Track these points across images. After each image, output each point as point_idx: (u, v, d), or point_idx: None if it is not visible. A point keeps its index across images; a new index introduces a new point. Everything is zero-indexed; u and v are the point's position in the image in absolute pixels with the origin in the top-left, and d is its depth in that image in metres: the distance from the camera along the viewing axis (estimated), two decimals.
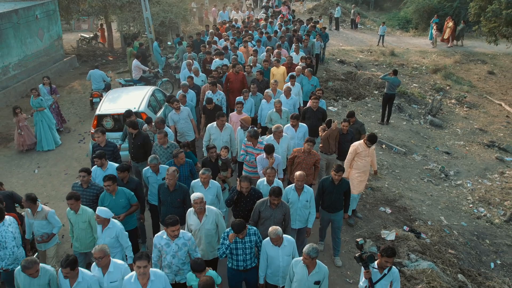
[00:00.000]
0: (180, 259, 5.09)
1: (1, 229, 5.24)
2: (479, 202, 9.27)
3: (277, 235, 4.78)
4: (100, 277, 4.67)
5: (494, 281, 7.15)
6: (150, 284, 4.42)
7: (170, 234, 4.91)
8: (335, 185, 6.08)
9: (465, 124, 13.72)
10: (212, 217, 5.44)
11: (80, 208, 5.53)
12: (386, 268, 4.43)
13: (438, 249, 7.14)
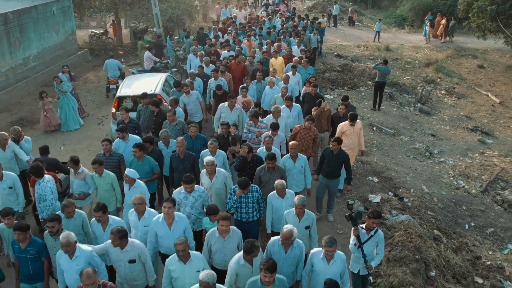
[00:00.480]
0: (197, 209, 6.15)
1: (41, 185, 6.30)
2: (459, 176, 10.38)
3: (283, 186, 5.85)
4: (136, 221, 5.72)
5: (467, 238, 8.26)
6: (174, 224, 5.48)
7: (186, 189, 5.97)
8: (333, 155, 7.13)
9: (452, 111, 14.83)
10: (221, 177, 6.53)
11: (103, 172, 6.60)
12: (373, 230, 5.14)
13: (418, 210, 8.25)
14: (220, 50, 13.06)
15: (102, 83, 14.69)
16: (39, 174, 6.28)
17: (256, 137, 7.99)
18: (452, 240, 7.83)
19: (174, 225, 5.45)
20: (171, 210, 5.39)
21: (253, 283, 4.48)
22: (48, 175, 6.50)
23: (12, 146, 7.42)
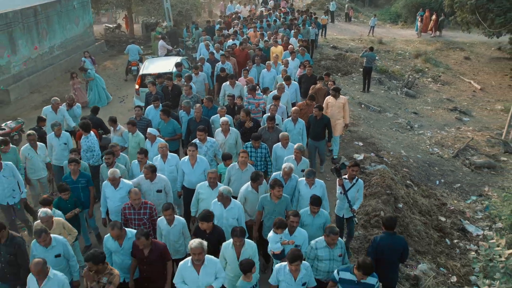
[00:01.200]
0: (209, 157, 7.78)
1: (89, 138, 7.97)
2: (435, 144, 12.07)
3: (287, 137, 7.51)
4: (161, 164, 7.37)
5: (437, 191, 9.96)
6: (196, 164, 7.03)
7: (200, 137, 7.59)
8: (317, 120, 8.79)
9: (436, 95, 16.53)
10: (234, 135, 8.19)
11: (135, 132, 8.28)
12: (354, 179, 6.28)
13: (395, 166, 9.93)
14: (225, 40, 14.83)
15: (120, 69, 16.41)
16: (87, 130, 7.97)
17: (255, 107, 9.69)
18: (422, 188, 9.53)
19: (196, 165, 7.09)
20: (194, 152, 7.03)
21: (264, 197, 6.11)
22: (92, 131, 8.20)
23: (63, 111, 9.10)
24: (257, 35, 15.46)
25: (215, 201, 5.93)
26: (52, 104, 9.06)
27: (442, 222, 8.75)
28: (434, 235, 8.11)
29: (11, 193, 6.81)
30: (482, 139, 12.78)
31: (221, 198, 5.82)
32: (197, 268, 4.68)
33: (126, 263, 5.29)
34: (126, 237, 5.24)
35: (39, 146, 7.67)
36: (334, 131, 9.45)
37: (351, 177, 6.38)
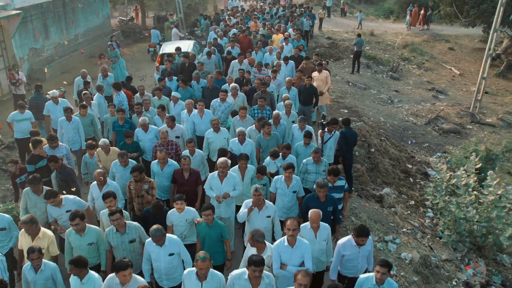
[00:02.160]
0: (225, 114, 9.89)
1: (120, 95, 10.10)
2: (410, 115, 14.29)
3: (289, 103, 9.69)
4: (186, 117, 9.51)
5: (408, 148, 12.18)
6: (204, 116, 9.30)
7: (221, 96, 9.74)
8: (306, 88, 10.97)
9: (417, 78, 18.76)
10: (241, 97, 10.36)
11: (161, 97, 10.43)
12: (333, 131, 8.57)
13: (373, 127, 12.13)
14: (229, 29, 17.10)
15: (137, 55, 18.66)
16: (118, 88, 10.15)
17: (260, 80, 11.90)
18: (395, 144, 11.75)
19: (204, 116, 9.19)
20: (202, 107, 9.01)
21: (259, 136, 8.31)
22: (123, 92, 10.37)
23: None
24: (258, 25, 17.70)
25: (234, 140, 7.96)
26: (81, 74, 11.17)
27: (409, 168, 10.97)
28: (400, 175, 10.32)
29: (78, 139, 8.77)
30: (453, 112, 15.01)
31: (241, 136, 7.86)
32: (221, 179, 6.62)
33: (163, 184, 7.01)
34: (167, 164, 7.21)
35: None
36: (322, 100, 11.60)
37: (330, 131, 8.41)
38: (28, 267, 4.79)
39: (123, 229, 5.26)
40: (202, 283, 4.45)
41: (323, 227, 5.28)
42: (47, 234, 5.32)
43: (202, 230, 5.41)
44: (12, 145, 10.39)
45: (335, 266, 5.26)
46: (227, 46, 14.55)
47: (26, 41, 15.15)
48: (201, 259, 4.34)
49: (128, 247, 5.32)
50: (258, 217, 5.70)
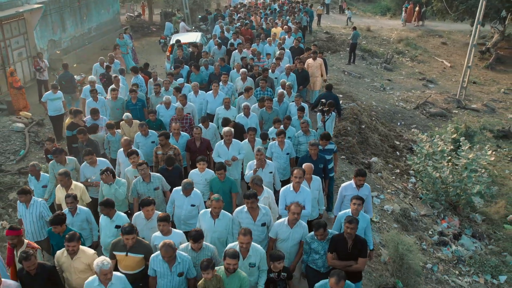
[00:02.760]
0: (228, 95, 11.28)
1: (138, 77, 11.41)
2: (401, 100, 15.57)
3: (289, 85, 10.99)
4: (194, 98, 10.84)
5: (396, 128, 13.46)
6: (218, 97, 10.66)
7: (224, 78, 11.08)
8: (299, 72, 12.23)
9: (410, 69, 20.06)
10: (249, 81, 11.67)
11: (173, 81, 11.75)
12: (330, 112, 10.19)
13: (365, 109, 13.42)
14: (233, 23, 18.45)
15: (146, 48, 19.99)
16: (136, 71, 11.44)
17: (259, 68, 13.20)
18: (384, 124, 13.03)
19: (217, 96, 10.48)
20: (217, 88, 10.39)
21: (261, 110, 9.64)
22: (141, 75, 11.67)
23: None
24: (259, 19, 19.07)
25: (240, 115, 9.15)
26: (99, 61, 12.44)
27: (396, 144, 12.26)
28: (388, 148, 11.62)
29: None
30: (441, 98, 16.30)
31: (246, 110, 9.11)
32: (227, 146, 7.87)
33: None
34: (180, 136, 8.39)
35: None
36: (314, 86, 12.81)
37: (328, 112, 9.72)
38: (66, 212, 5.67)
39: (148, 179, 6.46)
40: (214, 220, 5.44)
41: (315, 179, 6.49)
42: (78, 186, 6.37)
43: (215, 185, 6.46)
44: (42, 122, 11.70)
45: (338, 204, 6.35)
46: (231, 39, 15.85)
47: (45, 33, 16.46)
48: (215, 199, 5.34)
49: (153, 194, 6.51)
50: (262, 174, 6.82)
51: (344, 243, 5.01)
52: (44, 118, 11.72)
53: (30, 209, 5.94)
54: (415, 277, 6.96)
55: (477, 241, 8.86)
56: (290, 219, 5.25)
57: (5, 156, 10.00)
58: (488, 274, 8.04)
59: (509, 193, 10.93)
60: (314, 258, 5.21)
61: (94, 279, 4.43)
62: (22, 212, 6.02)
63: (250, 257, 4.87)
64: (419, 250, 7.82)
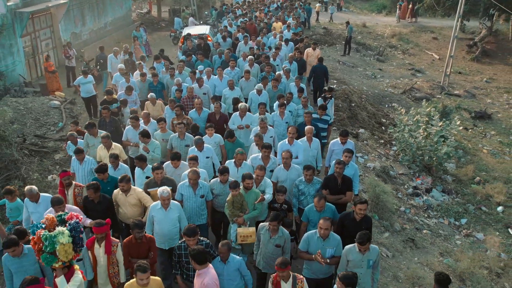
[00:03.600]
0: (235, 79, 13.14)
1: (161, 64, 13.31)
2: (390, 86, 17.40)
3: (288, 69, 12.86)
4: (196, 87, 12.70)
5: (384, 109, 15.28)
6: (223, 79, 12.51)
7: (231, 66, 12.93)
8: (298, 61, 14.03)
9: (400, 61, 21.90)
10: (256, 67, 13.55)
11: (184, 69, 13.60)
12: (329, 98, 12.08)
13: (356, 92, 15.24)
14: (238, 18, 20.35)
15: (157, 41, 21.84)
16: (158, 58, 13.31)
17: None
18: (373, 104, 14.87)
19: (223, 80, 12.23)
20: (221, 72, 12.22)
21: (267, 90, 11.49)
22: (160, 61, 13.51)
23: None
24: (262, 15, 20.96)
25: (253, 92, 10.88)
26: (113, 52, 14.19)
27: (383, 121, 14.10)
28: (375, 124, 13.45)
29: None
30: (426, 85, 18.14)
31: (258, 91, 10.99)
32: (241, 117, 9.43)
33: (201, 127, 9.80)
34: (203, 111, 10.13)
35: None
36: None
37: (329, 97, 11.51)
38: (109, 167, 6.93)
39: (183, 136, 8.26)
40: (238, 168, 7.03)
41: (315, 140, 8.20)
42: (117, 146, 7.77)
43: (228, 144, 8.34)
44: (73, 101, 13.55)
45: (328, 157, 8.05)
46: (234, 33, 17.72)
47: (68, 26, 18.34)
48: (240, 153, 6.99)
49: (183, 150, 8.29)
50: (264, 138, 8.57)
51: (334, 181, 6.61)
52: (75, 98, 13.58)
53: (83, 165, 7.42)
54: (389, 213, 8.80)
55: (445, 195, 10.69)
56: (283, 163, 7.02)
57: (46, 127, 11.84)
58: (452, 217, 9.88)
59: (478, 161, 12.75)
60: (300, 199, 6.69)
61: (157, 203, 5.97)
62: (76, 167, 7.49)
63: (261, 186, 6.65)
64: (394, 197, 9.65)
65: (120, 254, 5.49)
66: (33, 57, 16.30)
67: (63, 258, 4.52)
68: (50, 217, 4.69)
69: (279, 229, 5.54)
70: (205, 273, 4.75)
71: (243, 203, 6.22)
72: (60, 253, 4.49)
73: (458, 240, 9.16)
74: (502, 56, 24.31)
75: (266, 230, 5.61)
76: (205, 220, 6.59)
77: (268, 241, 5.60)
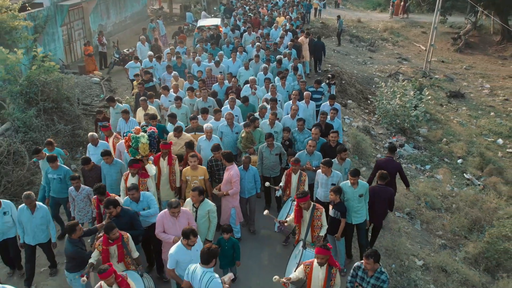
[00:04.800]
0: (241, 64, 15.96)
1: (184, 49, 16.16)
2: (378, 71, 20.20)
3: (289, 52, 15.66)
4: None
5: (371, 88, 18.07)
6: (237, 61, 15.33)
7: (239, 51, 15.75)
8: (297, 46, 16.88)
9: (390, 51, 24.70)
10: (262, 52, 16.37)
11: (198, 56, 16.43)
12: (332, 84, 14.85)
13: (347, 73, 18.03)
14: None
15: (171, 34, 24.66)
16: (182, 43, 16.16)
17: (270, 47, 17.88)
18: (361, 83, 17.67)
19: (235, 62, 15.21)
20: (235, 56, 15.17)
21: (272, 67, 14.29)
22: (183, 45, 16.34)
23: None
24: (265, 11, 23.84)
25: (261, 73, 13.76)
26: (141, 40, 16.96)
27: (369, 97, 16.88)
28: (361, 98, 16.23)
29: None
30: (410, 70, 20.94)
31: (265, 69, 13.85)
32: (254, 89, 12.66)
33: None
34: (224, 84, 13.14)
35: None
36: (305, 57, 17.33)
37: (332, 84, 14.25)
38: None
39: (205, 99, 11.08)
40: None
41: (311, 103, 10.83)
42: (152, 108, 10.52)
43: (242, 108, 11.13)
44: (109, 79, 16.37)
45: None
46: (243, 24, 20.55)
47: (96, 19, 21.18)
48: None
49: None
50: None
51: (330, 148, 9.22)
52: (111, 77, 16.39)
53: (129, 124, 9.66)
54: (367, 156, 11.58)
55: (416, 150, 13.47)
56: (291, 114, 9.71)
57: (91, 98, 14.63)
58: (418, 164, 12.66)
59: (448, 129, 15.52)
60: (296, 145, 9.20)
61: (203, 136, 8.77)
62: (122, 125, 9.92)
63: (275, 127, 9.36)
64: (373, 149, 12.43)
65: (177, 166, 8.18)
66: (68, 44, 19.12)
67: (142, 153, 7.27)
68: (137, 128, 7.48)
69: (274, 144, 8.28)
70: (231, 168, 7.48)
71: (252, 139, 8.96)
72: (141, 148, 7.26)
73: (422, 179, 11.94)
74: (483, 47, 27.13)
75: (265, 147, 8.35)
76: (236, 151, 9.30)
77: (269, 154, 8.33)
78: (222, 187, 7.50)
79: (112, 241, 5.62)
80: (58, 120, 11.15)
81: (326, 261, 5.12)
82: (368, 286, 5.17)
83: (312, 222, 6.36)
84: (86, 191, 7.39)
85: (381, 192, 6.95)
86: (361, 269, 5.26)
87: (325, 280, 5.14)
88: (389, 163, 7.83)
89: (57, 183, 7.71)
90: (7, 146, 9.40)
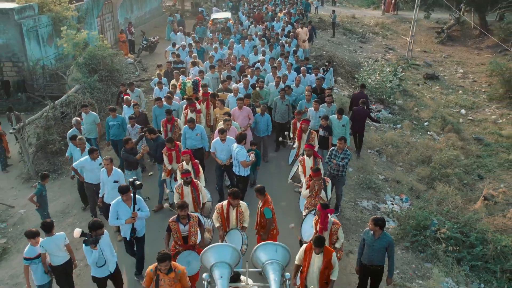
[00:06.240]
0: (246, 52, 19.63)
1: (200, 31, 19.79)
2: (367, 58, 23.84)
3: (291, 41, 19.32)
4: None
5: (358, 72, 21.74)
6: (247, 45, 19.00)
7: (242, 43, 19.44)
8: (296, 37, 20.54)
9: (379, 43, 28.37)
10: (266, 41, 20.03)
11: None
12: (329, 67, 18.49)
13: (338, 56, 21.66)
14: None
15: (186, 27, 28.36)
16: (200, 18, 19.85)
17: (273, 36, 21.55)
18: (351, 66, 21.33)
19: (245, 47, 18.90)
20: (244, 42, 18.86)
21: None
22: (202, 24, 20.01)
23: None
24: (269, 9, 27.56)
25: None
26: (173, 30, 20.64)
27: (356, 77, 20.51)
28: (349, 77, 19.87)
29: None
30: (394, 57, 24.60)
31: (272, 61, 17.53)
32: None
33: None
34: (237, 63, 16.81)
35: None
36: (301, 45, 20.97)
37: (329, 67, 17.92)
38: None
39: (213, 70, 14.76)
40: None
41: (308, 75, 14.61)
42: (175, 85, 14.58)
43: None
44: (141, 60, 20.02)
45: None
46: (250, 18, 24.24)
47: (122, 13, 24.87)
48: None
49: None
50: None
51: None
52: (141, 59, 20.05)
53: (162, 91, 13.75)
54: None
55: (391, 115, 17.10)
56: (295, 84, 13.47)
57: (128, 74, 18.27)
58: (392, 123, 16.29)
59: (421, 102, 19.13)
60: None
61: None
62: (157, 92, 13.94)
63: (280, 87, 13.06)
64: None
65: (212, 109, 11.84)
66: (102, 33, 22.77)
67: (188, 93, 10.96)
68: (188, 78, 11.18)
69: (285, 96, 11.91)
70: (244, 109, 11.11)
71: (259, 95, 12.56)
72: (187, 90, 10.95)
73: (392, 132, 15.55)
74: (463, 40, 30.80)
75: (279, 98, 11.97)
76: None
77: (281, 104, 11.94)
78: (240, 121, 11.01)
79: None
80: (112, 85, 14.81)
81: (312, 154, 8.70)
82: (338, 158, 8.79)
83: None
84: (136, 127, 10.74)
85: (361, 112, 11.38)
86: (334, 150, 8.89)
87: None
88: (361, 111, 11.56)
89: (116, 128, 10.78)
90: (82, 99, 13.03)
